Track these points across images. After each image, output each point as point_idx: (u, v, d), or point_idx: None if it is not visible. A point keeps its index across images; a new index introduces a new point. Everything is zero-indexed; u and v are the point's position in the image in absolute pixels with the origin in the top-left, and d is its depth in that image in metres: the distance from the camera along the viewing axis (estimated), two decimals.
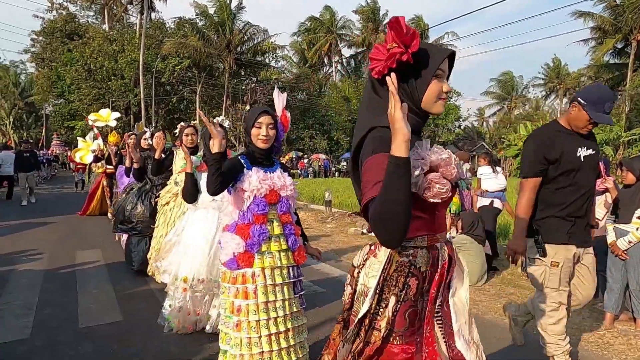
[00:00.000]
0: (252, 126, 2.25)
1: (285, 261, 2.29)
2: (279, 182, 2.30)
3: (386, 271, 1.34)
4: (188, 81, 30.34)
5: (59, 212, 9.64)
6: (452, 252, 1.46)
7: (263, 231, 2.21)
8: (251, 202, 2.22)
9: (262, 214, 2.22)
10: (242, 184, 2.20)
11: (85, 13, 34.91)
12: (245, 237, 2.20)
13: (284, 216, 2.33)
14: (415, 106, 1.34)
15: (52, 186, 17.41)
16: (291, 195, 2.36)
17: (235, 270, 2.21)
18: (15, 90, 43.89)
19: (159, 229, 4.08)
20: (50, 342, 3.15)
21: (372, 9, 40.73)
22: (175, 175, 3.99)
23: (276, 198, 2.28)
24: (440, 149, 1.33)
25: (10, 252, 5.86)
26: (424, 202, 1.27)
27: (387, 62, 1.25)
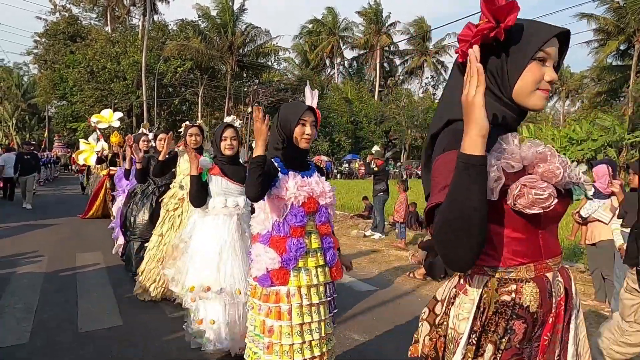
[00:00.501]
0: (296, 124, 2.00)
1: (322, 278, 2.07)
2: (318, 188, 2.07)
3: (483, 314, 1.05)
4: (190, 83, 30.37)
5: (60, 214, 9.62)
6: (570, 282, 1.12)
7: (301, 245, 1.98)
8: (288, 211, 1.98)
9: (300, 225, 1.99)
10: (278, 191, 1.96)
11: (88, 15, 35.06)
12: (280, 252, 1.97)
13: (323, 227, 2.10)
14: (505, 96, 1.08)
15: (54, 188, 17.42)
16: (330, 203, 2.13)
17: (268, 288, 2.00)
18: (18, 92, 44.01)
19: (164, 236, 3.85)
20: (49, 345, 3.12)
21: (375, 10, 40.74)
22: (180, 179, 3.84)
23: (315, 207, 2.04)
24: (536, 143, 1.05)
25: (11, 254, 5.84)
26: (522, 216, 0.99)
27: (473, 41, 1.02)
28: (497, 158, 0.99)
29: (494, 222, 1.00)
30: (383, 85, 40.74)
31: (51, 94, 31.58)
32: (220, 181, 2.92)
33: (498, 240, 1.03)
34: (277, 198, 1.98)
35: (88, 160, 9.00)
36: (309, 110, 2.05)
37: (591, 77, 32.22)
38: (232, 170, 2.95)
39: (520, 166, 0.99)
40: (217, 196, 2.92)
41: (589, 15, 26.37)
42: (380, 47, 40.32)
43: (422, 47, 41.77)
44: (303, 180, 2.02)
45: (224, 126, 2.95)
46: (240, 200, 2.96)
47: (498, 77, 1.06)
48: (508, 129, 1.09)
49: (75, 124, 29.82)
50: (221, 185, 2.91)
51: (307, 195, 2.00)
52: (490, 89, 1.06)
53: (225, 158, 2.94)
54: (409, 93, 39.30)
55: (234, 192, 2.95)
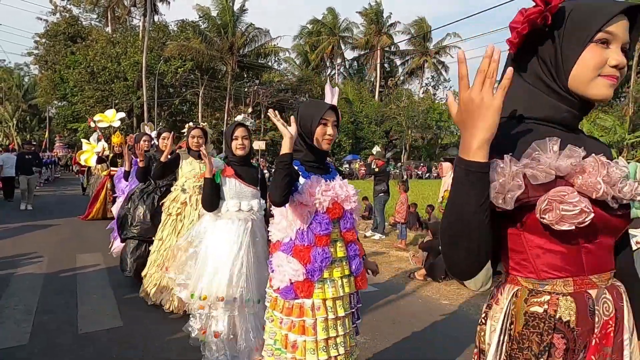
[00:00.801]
0: (318, 124, 1.87)
1: (348, 289, 1.95)
2: (342, 192, 1.93)
3: (510, 325, 0.96)
4: (191, 83, 30.39)
5: (60, 215, 9.61)
6: (621, 301, 0.98)
7: (326, 255, 1.85)
8: (312, 219, 1.85)
9: (325, 234, 1.85)
10: (301, 197, 1.83)
11: (89, 16, 35.08)
12: (304, 262, 1.84)
13: (348, 234, 1.96)
14: (561, 88, 0.95)
15: (55, 188, 17.41)
16: (355, 208, 1.99)
17: (292, 300, 1.88)
18: (18, 93, 44.04)
19: (164, 240, 3.73)
20: (49, 347, 3.11)
21: (376, 11, 40.76)
22: (182, 182, 3.72)
23: (339, 212, 1.91)
24: (576, 152, 0.90)
25: (11, 255, 5.83)
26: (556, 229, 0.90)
27: (520, 29, 0.92)
28: (524, 165, 0.89)
29: (529, 231, 0.94)
30: (383, 85, 40.73)
31: (52, 95, 31.60)
32: (234, 184, 2.79)
33: (532, 251, 0.95)
34: (300, 204, 1.84)
35: (88, 161, 8.96)
36: (330, 109, 1.93)
37: None
38: (244, 172, 2.84)
39: (551, 177, 0.88)
40: (230, 199, 2.78)
41: None
42: (381, 47, 40.33)
43: (423, 47, 41.76)
44: (327, 185, 1.90)
45: (235, 125, 2.82)
46: (255, 204, 2.84)
47: (552, 65, 0.94)
48: (566, 126, 0.97)
49: (75, 124, 29.84)
50: (235, 188, 2.78)
51: (331, 200, 1.88)
52: (543, 80, 0.96)
53: (237, 159, 2.82)
54: (409, 93, 39.30)
55: (247, 195, 2.82)
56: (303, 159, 1.93)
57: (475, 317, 4.05)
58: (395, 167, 31.49)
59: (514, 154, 0.90)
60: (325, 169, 2.01)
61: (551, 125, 0.96)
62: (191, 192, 3.71)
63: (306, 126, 1.90)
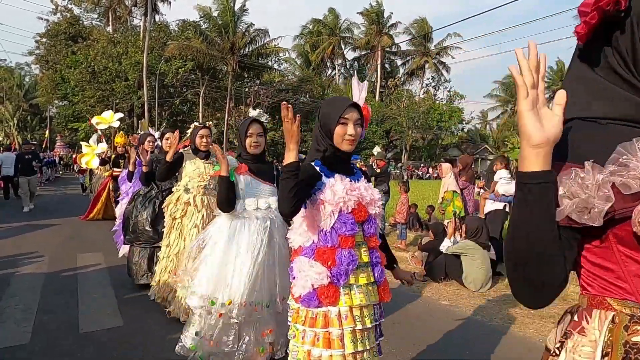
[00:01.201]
0: (337, 123, 1.72)
1: (374, 297, 1.78)
2: (367, 194, 1.80)
3: (603, 359, 0.81)
4: (191, 83, 30.41)
5: (61, 215, 9.62)
6: None
7: (353, 258, 1.69)
8: (336, 219, 1.70)
9: (351, 234, 1.71)
10: (324, 195, 1.69)
11: (90, 15, 35.10)
12: (329, 265, 1.68)
13: (372, 239, 1.82)
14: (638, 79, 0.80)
15: (55, 188, 17.43)
16: (379, 213, 1.86)
17: (315, 309, 1.69)
18: (19, 92, 44.10)
19: (172, 245, 3.59)
20: (50, 347, 3.12)
21: (377, 11, 40.77)
22: (186, 181, 3.58)
23: (364, 215, 1.77)
24: None
25: (11, 255, 5.84)
26: None
27: (588, 19, 0.80)
28: (611, 172, 0.75)
29: (624, 245, 0.79)
30: (384, 85, 40.75)
31: (52, 94, 31.63)
32: (250, 181, 2.66)
33: (629, 269, 0.80)
34: (323, 203, 1.70)
35: (90, 163, 8.81)
36: (352, 106, 1.75)
37: None
38: (259, 169, 2.72)
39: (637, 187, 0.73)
40: (247, 198, 2.65)
41: None
42: (382, 47, 40.34)
43: (424, 48, 41.77)
44: (352, 184, 1.76)
45: (250, 121, 2.67)
46: (272, 201, 2.70)
47: (629, 57, 0.80)
48: None
49: (76, 124, 29.88)
50: (251, 186, 2.66)
51: (356, 200, 1.74)
52: (619, 73, 0.82)
53: (251, 156, 2.69)
54: (410, 94, 39.31)
55: (265, 193, 2.70)
56: (325, 160, 1.79)
57: (475, 317, 4.06)
58: (396, 167, 31.51)
59: (595, 161, 0.77)
60: (350, 170, 1.86)
61: (631, 124, 0.81)
62: (195, 192, 3.56)
63: (326, 125, 1.75)
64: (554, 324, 3.62)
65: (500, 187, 6.01)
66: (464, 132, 47.60)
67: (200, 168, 3.60)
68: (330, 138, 1.74)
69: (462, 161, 6.83)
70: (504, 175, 6.05)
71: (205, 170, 3.58)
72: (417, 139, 36.35)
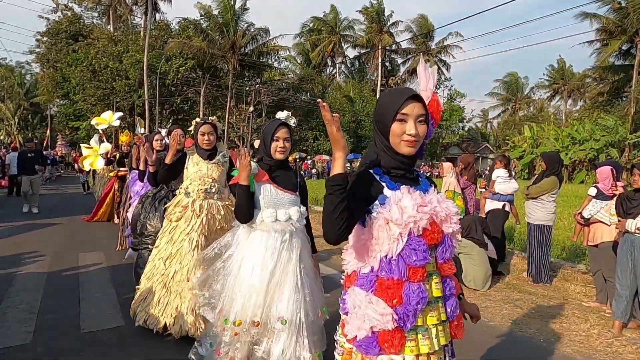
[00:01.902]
0: (393, 120, 1.38)
1: (444, 339, 1.44)
2: (442, 209, 1.44)
3: None
4: (192, 82, 30.42)
5: (62, 213, 9.64)
6: None
7: (423, 295, 1.36)
8: (404, 243, 1.35)
9: (421, 265, 1.36)
10: (387, 212, 1.36)
11: (91, 14, 35.09)
12: (394, 302, 1.35)
13: (446, 266, 1.46)
14: None
15: (57, 186, 17.45)
16: (457, 231, 1.48)
17: (375, 356, 1.38)
18: (20, 91, 44.16)
19: (160, 249, 3.31)
20: (51, 347, 3.13)
21: (377, 9, 40.72)
22: (187, 184, 3.29)
23: (438, 236, 1.42)
24: None
25: (13, 254, 5.85)
26: None
27: None
28: None
29: None
30: (385, 84, 40.72)
31: (53, 93, 31.67)
32: (270, 190, 2.42)
33: None
34: (388, 223, 1.36)
35: (94, 164, 8.30)
36: (413, 98, 1.39)
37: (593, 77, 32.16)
38: (281, 177, 2.49)
39: None
40: (265, 208, 2.42)
41: (591, 15, 26.32)
42: (382, 46, 40.30)
43: (425, 46, 41.72)
44: (422, 198, 1.41)
45: (278, 124, 2.43)
46: (293, 212, 2.46)
47: None
48: None
49: (77, 122, 29.91)
50: (270, 195, 2.42)
51: (429, 219, 1.40)
52: None
53: (274, 162, 2.46)
54: None
55: (285, 202, 2.45)
56: (385, 166, 1.45)
57: None
58: None
59: None
60: (414, 178, 1.50)
61: None
62: (195, 196, 3.24)
63: (381, 122, 1.43)
64: (554, 323, 3.65)
65: (497, 185, 6.02)
66: (464, 130, 47.57)
67: (202, 169, 3.28)
68: (386, 138, 1.43)
69: (463, 160, 6.82)
70: (501, 174, 6.05)
71: (207, 172, 3.28)
72: None
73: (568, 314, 4.17)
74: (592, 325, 3.91)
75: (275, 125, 2.43)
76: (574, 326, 3.88)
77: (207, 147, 3.26)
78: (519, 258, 6.19)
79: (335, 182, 1.28)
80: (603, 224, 4.35)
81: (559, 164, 5.31)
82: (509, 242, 7.09)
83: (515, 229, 7.53)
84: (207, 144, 3.25)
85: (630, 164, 19.30)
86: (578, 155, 26.47)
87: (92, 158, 8.07)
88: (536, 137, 31.21)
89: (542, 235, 5.16)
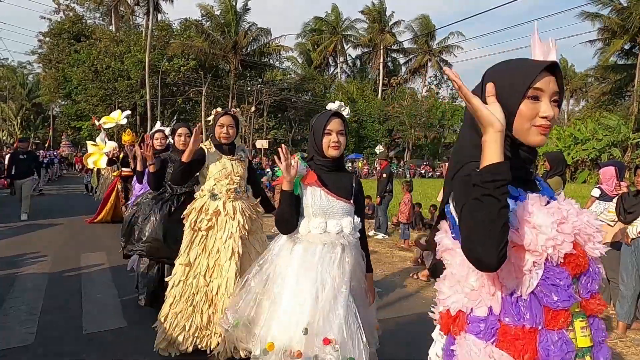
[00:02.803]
0: (523, 97, 1.03)
1: None
2: (584, 224, 1.04)
3: None
4: (194, 82, 30.46)
5: (64, 214, 9.65)
6: None
7: (569, 348, 0.99)
8: (540, 276, 0.99)
9: (564, 307, 0.99)
10: (513, 232, 0.97)
11: (93, 14, 35.16)
12: (525, 359, 0.98)
13: (593, 302, 1.05)
14: None
15: (59, 187, 17.47)
16: (600, 253, 1.06)
17: None
18: (22, 91, 44.25)
19: (193, 265, 2.84)
20: (53, 348, 3.13)
21: (379, 9, 40.71)
22: (211, 184, 2.87)
23: (584, 264, 1.02)
24: None
25: (15, 254, 5.86)
26: None
27: None
28: None
29: None
30: (386, 84, 40.71)
31: (55, 93, 31.75)
32: (320, 195, 2.00)
33: None
34: (516, 248, 0.99)
35: (98, 163, 8.13)
36: (546, 71, 1.04)
37: (595, 77, 32.10)
38: (334, 180, 2.05)
39: None
40: (313, 217, 2.01)
41: (593, 15, 26.26)
42: (384, 46, 40.28)
43: (426, 46, 41.68)
44: (560, 210, 1.02)
45: (329, 115, 2.04)
46: (346, 223, 2.02)
47: None
48: None
49: (79, 122, 29.98)
50: (320, 202, 2.00)
51: (572, 240, 1.01)
52: None
53: (327, 161, 2.05)
54: (412, 92, 39.26)
55: (337, 211, 2.02)
56: None
57: None
58: (398, 165, 31.49)
59: None
60: (530, 182, 1.13)
61: None
62: (224, 197, 2.86)
63: (501, 103, 1.01)
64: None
65: None
66: None
67: (227, 167, 2.89)
68: (509, 129, 1.05)
69: None
70: None
71: (233, 169, 2.90)
72: (420, 138, 36.29)
73: None
74: None
75: (326, 117, 2.04)
76: None
77: (224, 140, 2.90)
78: None
79: (497, 176, 0.90)
80: (607, 225, 4.33)
81: (563, 164, 5.28)
82: None
83: None
84: (225, 137, 2.89)
85: (632, 163, 19.25)
86: (580, 155, 26.41)
87: (96, 156, 7.96)
88: None
89: None
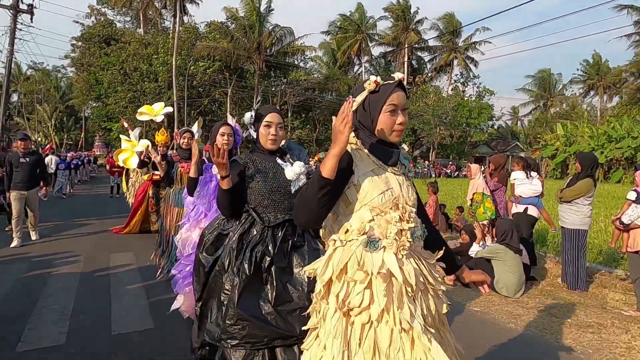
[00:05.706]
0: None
1: None
2: None
3: None
4: (219, 83, 30.85)
5: (95, 214, 9.92)
6: None
7: None
8: None
9: None
10: None
11: (123, 18, 36.12)
12: None
13: None
14: None
15: (90, 187, 18.00)
16: None
17: None
18: (56, 94, 45.80)
19: None
20: (84, 349, 3.20)
21: (403, 7, 40.26)
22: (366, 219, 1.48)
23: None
24: None
25: (48, 254, 6.05)
26: None
27: None
28: None
29: None
30: (412, 82, 40.24)
31: (87, 96, 32.76)
32: None
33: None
34: None
35: (128, 162, 6.93)
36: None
37: (631, 72, 30.83)
38: None
39: None
40: None
41: (629, 7, 25.25)
42: (409, 44, 39.80)
43: (452, 43, 40.97)
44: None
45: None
46: None
47: None
48: None
49: (110, 124, 30.83)
50: None
51: None
52: None
53: None
54: (437, 90, 38.65)
55: None
56: None
57: (508, 325, 3.93)
58: (423, 165, 31.07)
59: None
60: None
61: None
62: (393, 248, 1.44)
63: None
64: (592, 333, 3.47)
65: (517, 188, 5.81)
66: (493, 128, 46.47)
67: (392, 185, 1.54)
68: None
69: (494, 161, 6.62)
70: (518, 176, 5.83)
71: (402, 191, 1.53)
72: (445, 137, 35.70)
73: (607, 324, 3.98)
74: (634, 337, 3.71)
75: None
76: (613, 337, 3.70)
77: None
78: (553, 263, 5.97)
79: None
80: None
81: (594, 164, 5.07)
82: (541, 246, 6.86)
83: (548, 232, 7.27)
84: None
85: None
86: (614, 153, 25.44)
87: (127, 153, 6.74)
88: (569, 135, 30.15)
89: (577, 239, 4.95)
